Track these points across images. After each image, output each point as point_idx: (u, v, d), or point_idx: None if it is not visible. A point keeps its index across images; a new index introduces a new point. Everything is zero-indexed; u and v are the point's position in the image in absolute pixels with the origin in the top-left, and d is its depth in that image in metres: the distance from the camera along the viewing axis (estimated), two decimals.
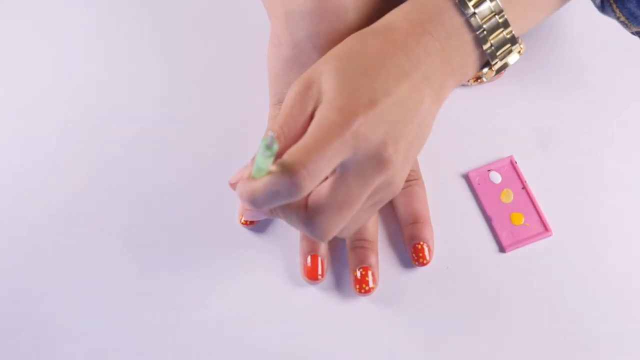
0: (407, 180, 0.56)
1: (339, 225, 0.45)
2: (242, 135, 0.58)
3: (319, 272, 0.54)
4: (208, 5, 0.64)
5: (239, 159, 0.57)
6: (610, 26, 0.56)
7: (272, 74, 0.54)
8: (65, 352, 0.53)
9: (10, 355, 0.53)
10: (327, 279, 0.55)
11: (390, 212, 0.56)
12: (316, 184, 0.42)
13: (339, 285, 0.55)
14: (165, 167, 0.58)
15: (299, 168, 0.41)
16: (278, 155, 0.43)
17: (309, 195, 0.45)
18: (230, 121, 0.59)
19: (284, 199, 0.43)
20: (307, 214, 0.45)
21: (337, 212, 0.44)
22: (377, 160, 0.44)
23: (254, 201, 0.43)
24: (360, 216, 0.47)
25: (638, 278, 0.55)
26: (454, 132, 0.59)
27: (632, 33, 0.52)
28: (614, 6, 0.49)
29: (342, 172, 0.44)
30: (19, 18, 0.64)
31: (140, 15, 0.64)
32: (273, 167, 0.41)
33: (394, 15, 0.48)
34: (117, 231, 0.56)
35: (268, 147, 0.39)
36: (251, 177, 0.43)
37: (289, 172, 0.41)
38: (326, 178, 0.45)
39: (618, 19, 0.50)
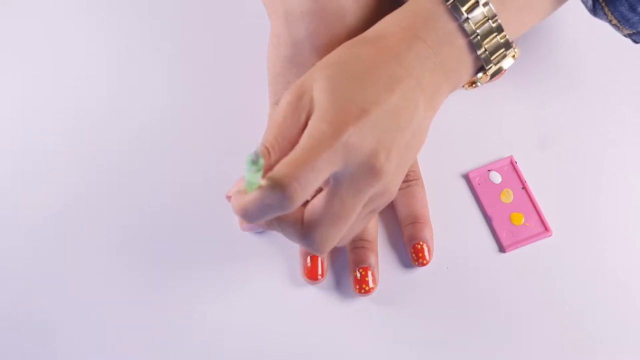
0: (407, 181, 0.56)
1: (336, 237, 0.45)
2: (242, 136, 0.58)
3: (319, 272, 0.54)
4: (208, 5, 0.64)
5: (239, 159, 0.57)
6: (610, 26, 0.56)
7: (271, 74, 0.55)
8: (65, 352, 0.53)
9: (11, 355, 0.53)
10: (327, 279, 0.55)
11: (390, 212, 0.56)
12: (308, 195, 0.42)
13: (339, 285, 0.55)
14: (165, 168, 0.58)
15: (289, 181, 0.41)
16: (273, 165, 0.43)
17: (305, 208, 0.45)
18: (230, 121, 0.59)
19: (276, 212, 0.42)
20: (303, 228, 0.45)
21: (333, 225, 0.44)
22: (369, 170, 0.43)
23: (245, 215, 0.43)
24: (357, 225, 0.47)
25: (638, 278, 0.55)
26: (454, 132, 0.59)
27: (625, 36, 0.52)
28: (606, 9, 0.49)
29: (335, 184, 0.44)
30: (21, 19, 0.64)
31: (140, 16, 0.64)
32: (263, 182, 0.41)
33: (386, 22, 0.48)
34: (117, 232, 0.56)
35: (253, 162, 0.39)
36: (243, 191, 0.43)
37: (280, 185, 0.41)
38: (321, 189, 0.45)
39: (610, 22, 0.50)
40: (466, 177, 0.58)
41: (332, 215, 0.44)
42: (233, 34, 0.62)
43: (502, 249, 0.56)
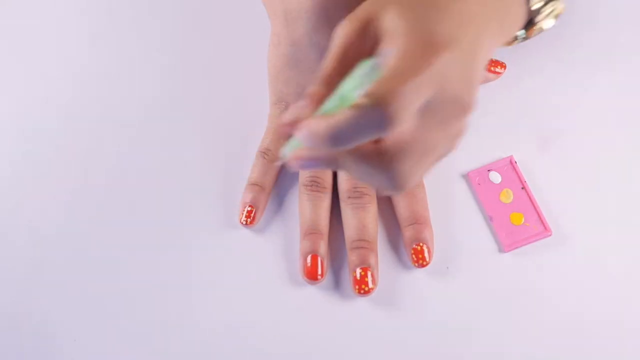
0: None
1: (419, 173, 0.41)
2: (242, 135, 0.58)
3: (319, 272, 0.54)
4: (208, 5, 0.64)
5: (239, 158, 0.57)
6: (610, 26, 0.56)
7: (271, 73, 0.55)
8: (65, 352, 0.53)
9: (11, 355, 0.53)
10: (327, 279, 0.55)
11: (390, 212, 0.56)
12: (407, 119, 0.38)
13: (338, 285, 0.55)
14: (165, 167, 0.58)
15: (392, 99, 0.36)
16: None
17: (382, 142, 0.41)
18: (230, 121, 0.59)
19: (371, 135, 0.38)
20: (385, 161, 0.40)
21: (419, 157, 0.40)
22: (458, 103, 0.40)
23: (335, 137, 0.38)
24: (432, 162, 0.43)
25: (638, 278, 0.55)
26: None
27: None
28: None
29: (425, 114, 0.39)
30: (21, 19, 0.64)
31: (140, 16, 0.64)
32: (360, 99, 0.37)
33: None
34: (117, 232, 0.56)
35: (377, 66, 0.35)
36: (324, 113, 0.39)
37: (383, 103, 0.36)
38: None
39: None
40: (466, 177, 0.58)
41: (420, 147, 0.40)
42: (233, 34, 0.62)
43: (502, 249, 0.56)
